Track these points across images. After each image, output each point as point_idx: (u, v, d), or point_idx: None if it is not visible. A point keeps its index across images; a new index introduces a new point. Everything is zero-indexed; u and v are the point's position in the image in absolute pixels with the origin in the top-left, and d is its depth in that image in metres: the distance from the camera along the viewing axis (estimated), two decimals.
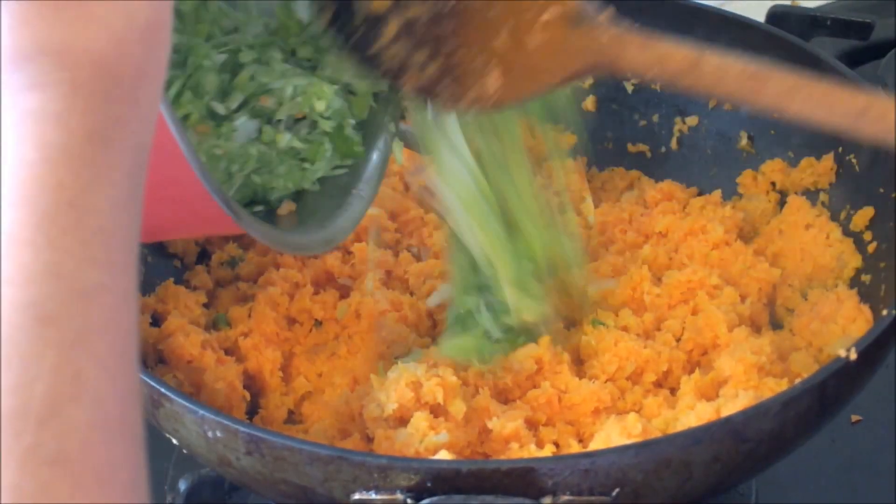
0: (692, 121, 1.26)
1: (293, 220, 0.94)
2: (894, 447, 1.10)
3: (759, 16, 1.38)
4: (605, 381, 1.02)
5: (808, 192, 1.18)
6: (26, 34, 0.57)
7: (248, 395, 1.04)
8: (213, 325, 1.10)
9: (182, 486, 1.04)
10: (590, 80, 1.29)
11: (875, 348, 0.91)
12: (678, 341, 1.06)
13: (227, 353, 1.06)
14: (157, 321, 1.06)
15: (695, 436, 0.85)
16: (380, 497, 0.81)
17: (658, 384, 1.04)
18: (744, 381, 0.98)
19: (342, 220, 0.96)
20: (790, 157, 1.20)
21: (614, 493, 0.82)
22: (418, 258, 1.16)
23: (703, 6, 1.24)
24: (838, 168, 1.15)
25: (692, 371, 1.03)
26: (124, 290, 0.58)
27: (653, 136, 1.28)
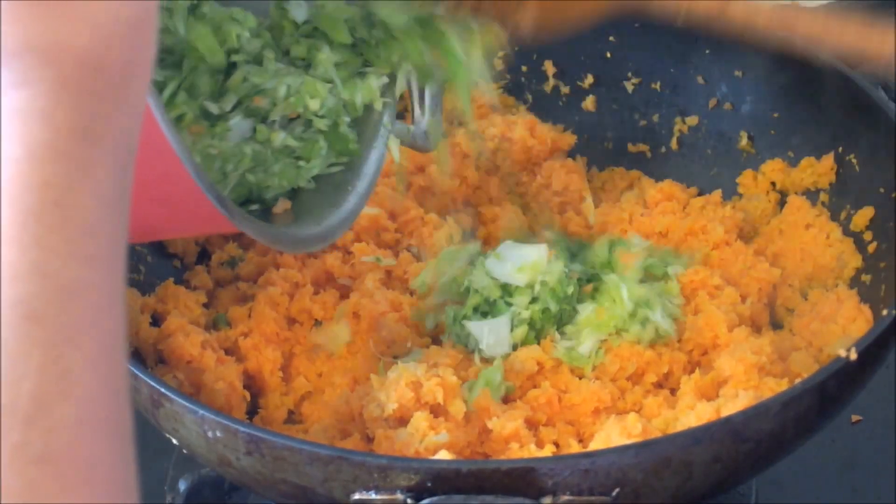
0: (692, 121, 1.26)
1: (289, 218, 0.94)
2: (894, 447, 1.10)
3: None
4: (608, 381, 1.02)
5: (808, 192, 1.18)
6: (12, 32, 0.57)
7: (248, 395, 1.04)
8: (213, 325, 1.10)
9: (182, 486, 1.04)
10: (590, 79, 1.29)
11: (875, 348, 0.91)
12: (678, 341, 1.06)
13: (227, 353, 1.06)
14: (157, 321, 1.06)
15: (695, 436, 0.85)
16: (380, 497, 0.81)
17: (658, 384, 1.04)
18: (744, 381, 0.98)
19: (338, 216, 0.95)
20: (790, 157, 1.20)
21: (614, 493, 0.82)
22: (418, 258, 1.15)
23: None
24: (838, 168, 1.15)
25: (692, 371, 1.03)
26: (111, 288, 0.58)
27: (653, 136, 1.28)
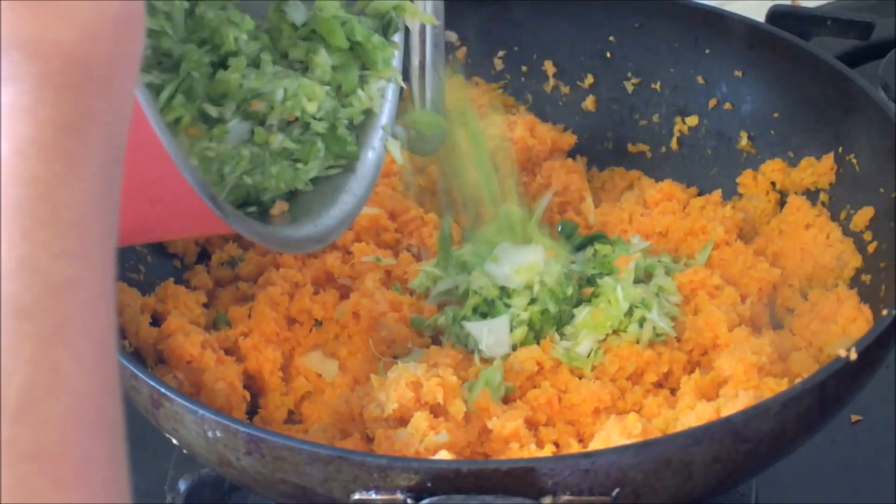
0: (692, 121, 1.26)
1: (286, 220, 0.94)
2: (894, 447, 1.10)
3: (759, 16, 1.38)
4: (608, 381, 1.02)
5: (808, 192, 1.18)
6: None
7: (248, 395, 1.03)
8: (213, 325, 1.10)
9: (182, 486, 1.04)
10: (590, 79, 1.29)
11: (875, 348, 0.91)
12: (678, 341, 1.06)
13: (227, 353, 1.06)
14: (157, 321, 1.06)
15: (695, 436, 0.85)
16: (380, 497, 0.81)
17: (658, 384, 1.04)
18: (744, 381, 0.98)
19: (334, 217, 0.95)
20: (790, 157, 1.20)
21: (614, 493, 0.82)
22: (418, 258, 1.15)
23: (703, 6, 1.24)
24: (838, 168, 1.15)
25: (692, 371, 1.03)
26: (101, 284, 0.58)
27: (653, 136, 1.28)
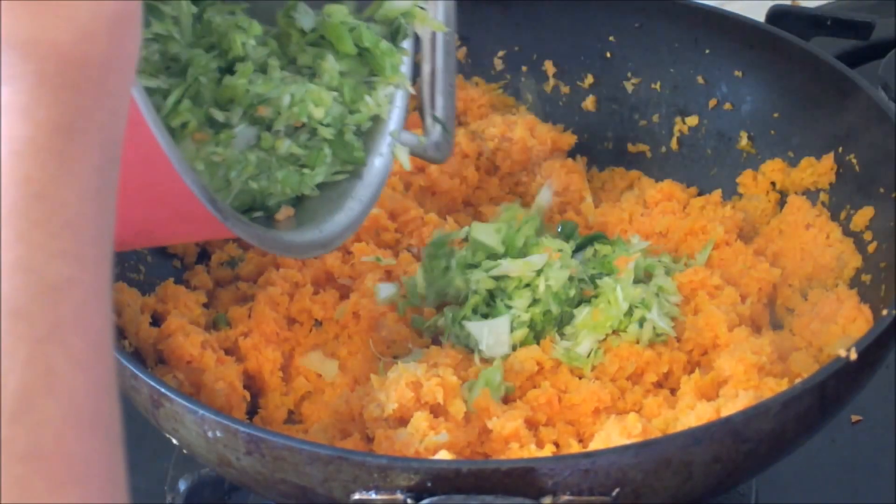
0: (692, 121, 1.26)
1: (292, 225, 0.94)
2: (894, 447, 1.10)
3: (759, 16, 1.38)
4: (608, 381, 1.02)
5: (808, 192, 1.18)
6: None
7: (248, 395, 1.03)
8: (213, 325, 1.10)
9: (182, 486, 1.04)
10: (590, 79, 1.29)
11: (875, 348, 0.91)
12: (678, 341, 1.06)
13: (227, 353, 1.06)
14: (157, 321, 1.06)
15: (695, 436, 0.85)
16: (380, 497, 0.81)
17: (658, 384, 1.04)
18: (744, 381, 0.98)
19: (339, 223, 0.95)
20: (790, 157, 1.20)
21: (614, 493, 0.82)
22: (418, 258, 1.15)
23: (703, 6, 1.24)
24: (838, 168, 1.15)
25: (692, 371, 1.03)
26: (96, 284, 0.58)
27: (653, 136, 1.28)
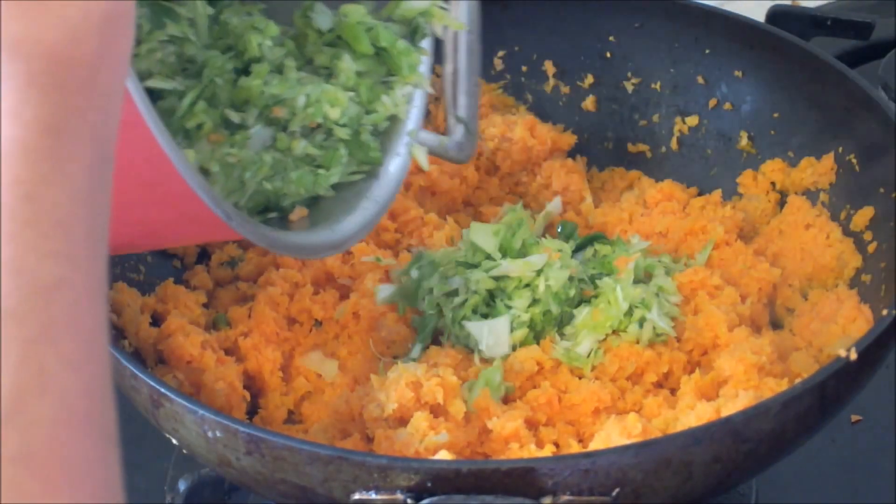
0: (692, 121, 1.26)
1: (305, 225, 0.92)
2: (894, 447, 1.10)
3: (759, 16, 1.38)
4: (607, 381, 1.02)
5: (808, 192, 1.18)
6: None
7: (248, 395, 1.03)
8: (213, 325, 1.10)
9: (182, 486, 1.04)
10: (590, 79, 1.29)
11: (875, 348, 0.91)
12: (678, 341, 1.06)
13: (227, 353, 1.06)
14: (157, 321, 1.06)
15: (695, 436, 0.85)
16: (380, 497, 0.81)
17: (658, 384, 1.04)
18: (744, 381, 0.98)
19: (353, 223, 0.93)
20: (790, 157, 1.20)
21: (614, 493, 0.82)
22: None
23: (703, 6, 1.24)
24: (838, 168, 1.15)
25: (692, 371, 1.03)
26: (89, 284, 0.58)
27: (653, 136, 1.28)
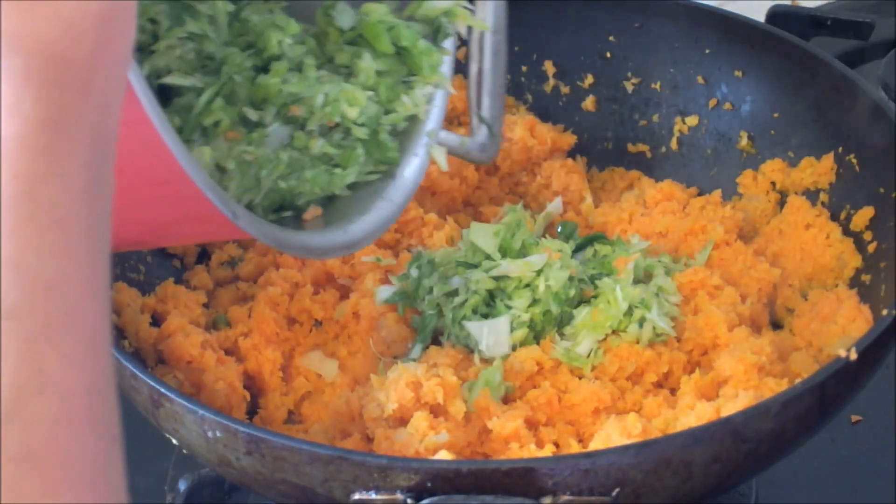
0: (692, 121, 1.26)
1: (319, 224, 0.91)
2: (894, 447, 1.10)
3: (759, 16, 1.38)
4: (607, 381, 1.02)
5: (808, 192, 1.18)
6: None
7: (248, 395, 1.04)
8: (213, 325, 1.10)
9: (182, 486, 1.04)
10: (590, 79, 1.29)
11: (875, 348, 0.91)
12: (678, 341, 1.06)
13: (227, 353, 1.06)
14: (157, 321, 1.06)
15: (695, 436, 0.85)
16: (380, 497, 0.81)
17: (658, 384, 1.04)
18: (744, 381, 0.98)
19: (367, 223, 0.92)
20: (790, 157, 1.20)
21: (614, 493, 0.82)
22: None
23: (703, 6, 1.24)
24: (838, 168, 1.15)
25: (692, 371, 1.03)
26: (90, 281, 0.58)
27: (653, 136, 1.28)
